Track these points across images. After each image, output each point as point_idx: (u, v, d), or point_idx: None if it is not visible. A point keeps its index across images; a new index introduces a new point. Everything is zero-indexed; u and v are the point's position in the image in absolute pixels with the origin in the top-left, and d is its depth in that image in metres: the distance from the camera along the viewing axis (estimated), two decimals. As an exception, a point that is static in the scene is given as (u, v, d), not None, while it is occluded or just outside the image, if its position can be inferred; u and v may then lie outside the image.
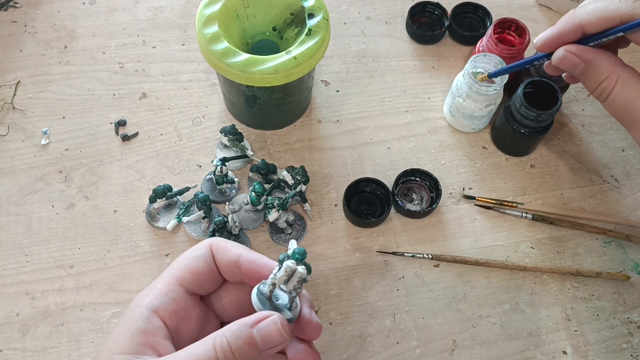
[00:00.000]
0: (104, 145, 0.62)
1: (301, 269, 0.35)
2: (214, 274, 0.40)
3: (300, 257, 0.36)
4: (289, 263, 0.35)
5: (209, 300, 0.42)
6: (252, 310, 0.38)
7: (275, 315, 0.35)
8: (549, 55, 0.45)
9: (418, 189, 0.61)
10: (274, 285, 0.36)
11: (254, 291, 0.37)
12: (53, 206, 0.59)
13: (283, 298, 0.37)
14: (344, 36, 0.70)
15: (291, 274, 0.35)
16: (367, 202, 0.60)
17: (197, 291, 0.40)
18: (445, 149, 0.63)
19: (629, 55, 0.70)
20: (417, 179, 0.61)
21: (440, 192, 0.58)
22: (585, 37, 0.42)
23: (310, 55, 0.53)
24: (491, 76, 0.55)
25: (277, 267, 0.36)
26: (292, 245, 0.37)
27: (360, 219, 0.57)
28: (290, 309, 0.37)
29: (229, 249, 0.40)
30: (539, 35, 0.44)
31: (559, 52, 0.43)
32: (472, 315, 0.55)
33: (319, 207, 0.60)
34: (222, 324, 0.43)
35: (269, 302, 0.37)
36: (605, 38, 0.42)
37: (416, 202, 0.60)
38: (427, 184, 0.60)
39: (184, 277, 0.39)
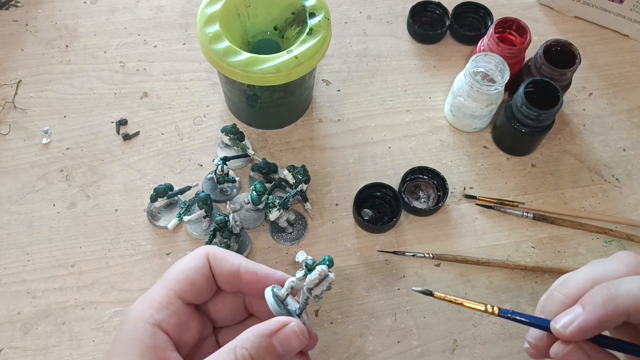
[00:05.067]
0: (105, 145, 0.62)
1: (332, 275, 0.37)
2: (211, 284, 0.40)
3: (330, 264, 0.38)
4: (323, 267, 0.37)
5: (202, 307, 0.42)
6: (244, 315, 0.39)
7: (293, 323, 0.36)
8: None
9: (425, 187, 0.61)
10: (292, 288, 0.38)
11: (269, 294, 0.38)
12: (54, 205, 0.59)
13: (292, 304, 0.39)
14: (345, 35, 0.70)
15: (323, 278, 0.37)
16: (377, 207, 0.59)
17: (194, 301, 0.40)
18: (447, 149, 0.63)
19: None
20: (425, 177, 0.61)
21: (447, 190, 0.58)
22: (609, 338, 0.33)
23: (311, 54, 0.53)
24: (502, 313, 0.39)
25: (301, 271, 0.38)
26: (302, 256, 0.38)
27: (375, 225, 0.57)
28: (299, 316, 0.38)
29: (227, 258, 0.40)
30: (567, 319, 0.33)
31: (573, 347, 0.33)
32: (473, 314, 0.55)
33: (320, 207, 0.60)
34: (215, 328, 0.43)
35: (283, 305, 0.38)
36: None
37: (423, 200, 0.60)
38: (435, 182, 0.60)
39: (183, 289, 0.39)
